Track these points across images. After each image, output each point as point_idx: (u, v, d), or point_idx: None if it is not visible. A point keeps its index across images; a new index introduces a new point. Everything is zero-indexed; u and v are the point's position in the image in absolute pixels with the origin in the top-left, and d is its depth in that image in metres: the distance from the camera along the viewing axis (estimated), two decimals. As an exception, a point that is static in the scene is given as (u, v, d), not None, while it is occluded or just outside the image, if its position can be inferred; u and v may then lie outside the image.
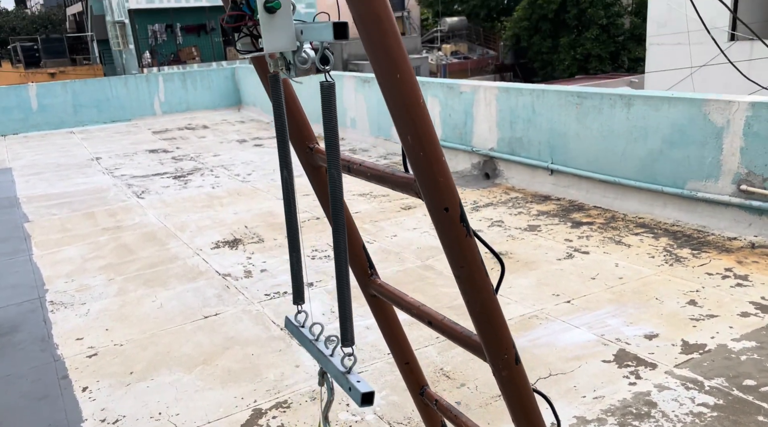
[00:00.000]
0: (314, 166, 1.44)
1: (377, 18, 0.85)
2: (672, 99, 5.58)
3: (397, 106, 0.91)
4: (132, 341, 4.22)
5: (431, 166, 0.93)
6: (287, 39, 1.09)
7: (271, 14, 1.07)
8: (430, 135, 0.92)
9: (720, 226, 5.36)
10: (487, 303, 1.05)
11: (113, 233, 6.58)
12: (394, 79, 0.87)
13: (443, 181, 0.94)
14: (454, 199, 0.96)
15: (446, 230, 0.97)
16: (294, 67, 1.14)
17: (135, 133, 13.53)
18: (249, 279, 5.16)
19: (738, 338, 3.67)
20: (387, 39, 0.86)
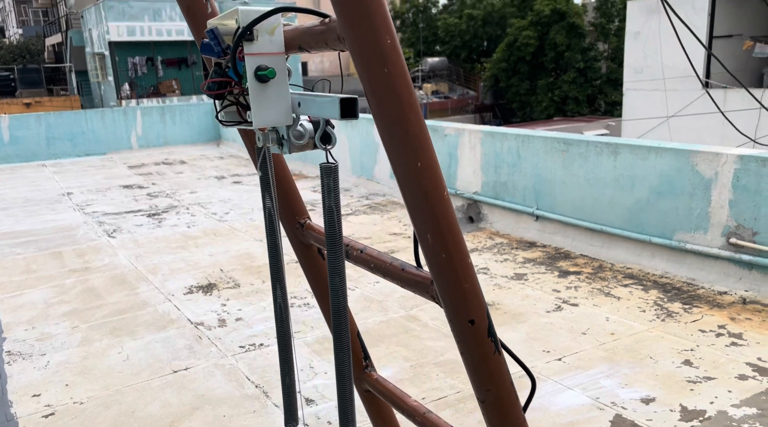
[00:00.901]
0: (305, 244, 1.25)
1: (395, 94, 0.68)
2: (659, 149, 5.53)
3: (416, 199, 0.73)
4: (94, 399, 3.91)
5: (455, 270, 0.76)
6: (281, 113, 0.91)
7: (263, 83, 0.89)
8: (455, 234, 0.75)
9: (709, 279, 5.26)
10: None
11: (80, 275, 6.25)
12: (414, 167, 0.71)
13: (469, 289, 0.76)
14: (482, 309, 0.78)
15: (470, 346, 0.79)
16: (287, 142, 0.96)
17: (110, 168, 13.21)
18: (223, 329, 4.89)
19: (738, 403, 3.50)
20: (407, 119, 0.69)
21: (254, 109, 0.89)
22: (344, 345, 0.99)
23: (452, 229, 0.75)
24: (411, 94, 0.70)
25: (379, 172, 9.55)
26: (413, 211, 0.76)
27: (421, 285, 0.86)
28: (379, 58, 0.68)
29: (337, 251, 0.94)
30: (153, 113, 15.41)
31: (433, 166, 0.73)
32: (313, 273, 1.22)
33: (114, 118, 14.97)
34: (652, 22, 21.03)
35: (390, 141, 0.74)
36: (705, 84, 19.83)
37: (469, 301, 0.78)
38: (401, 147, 0.71)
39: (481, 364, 0.81)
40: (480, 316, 0.79)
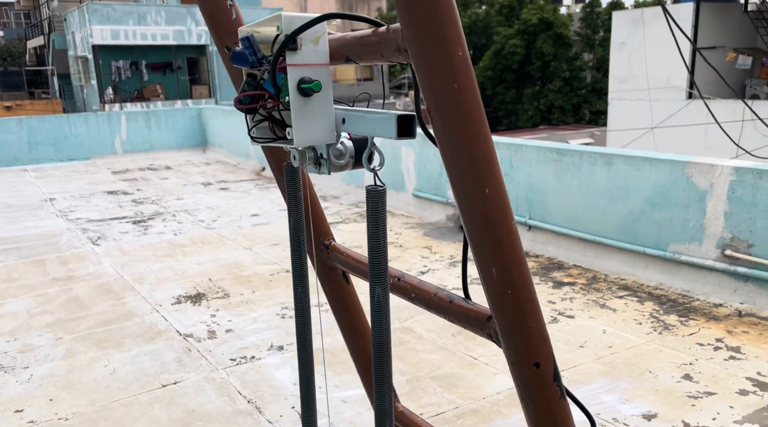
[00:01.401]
0: (329, 267, 1.17)
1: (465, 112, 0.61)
2: (654, 160, 5.52)
3: (481, 229, 0.66)
4: (79, 415, 3.77)
5: (521, 308, 0.68)
6: (325, 130, 0.82)
7: (307, 97, 0.80)
8: (522, 268, 0.67)
9: (704, 291, 5.24)
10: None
11: (64, 284, 6.08)
12: (481, 194, 0.63)
13: (536, 329, 0.69)
14: (548, 351, 0.70)
15: (534, 391, 0.72)
16: (327, 161, 0.87)
17: (93, 173, 12.98)
18: (213, 341, 4.76)
19: (740, 420, 3.46)
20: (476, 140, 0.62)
21: (296, 125, 0.80)
22: (386, 384, 0.90)
23: (519, 262, 0.68)
24: (481, 113, 0.63)
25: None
26: (476, 242, 0.68)
27: (475, 321, 0.79)
28: (449, 71, 0.60)
29: (382, 283, 0.86)
30: (138, 118, 15.19)
31: (502, 193, 0.65)
32: (336, 298, 1.14)
33: (98, 122, 14.73)
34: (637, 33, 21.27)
35: (454, 164, 0.66)
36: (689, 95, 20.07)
37: (535, 342, 0.70)
38: (467, 171, 0.64)
39: (545, 411, 0.73)
40: (546, 358, 0.71)
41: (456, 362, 4.29)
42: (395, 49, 0.71)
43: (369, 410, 3.74)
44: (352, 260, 1.01)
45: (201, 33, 27.91)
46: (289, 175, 0.98)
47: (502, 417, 3.61)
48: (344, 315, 1.21)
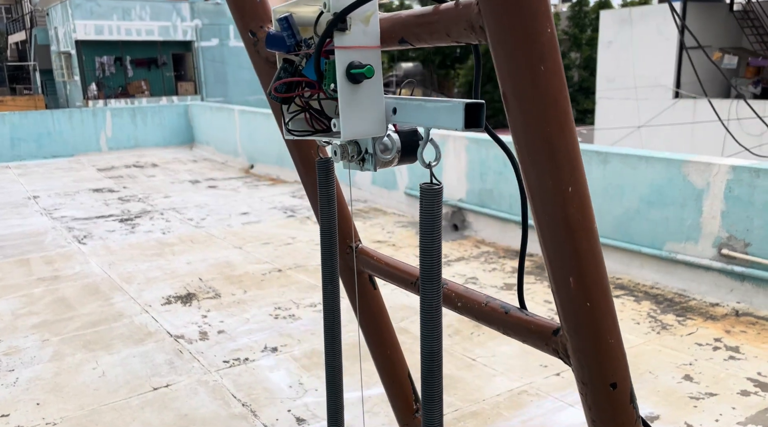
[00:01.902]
0: (352, 269, 1.08)
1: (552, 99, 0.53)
2: (650, 158, 5.49)
3: (559, 233, 0.58)
4: (67, 420, 3.64)
5: (600, 321, 0.61)
6: (375, 121, 0.74)
7: (356, 84, 0.72)
8: (601, 276, 0.60)
9: (701, 290, 5.22)
10: None
11: (50, 284, 5.93)
12: (562, 193, 0.55)
13: (614, 345, 0.62)
14: (625, 370, 0.63)
15: (608, 415, 0.65)
16: (372, 157, 0.79)
17: (78, 170, 12.75)
18: (205, 342, 4.65)
19: (743, 421, 3.43)
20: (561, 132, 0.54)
21: (344, 116, 0.71)
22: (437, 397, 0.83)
23: (600, 271, 0.61)
24: (567, 102, 0.55)
25: (360, 179, 9.38)
26: (551, 247, 0.60)
27: (538, 335, 0.71)
28: (536, 51, 0.53)
29: (434, 291, 0.78)
30: (123, 114, 14.96)
31: (585, 193, 0.58)
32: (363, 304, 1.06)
33: (82, 118, 14.48)
34: (625, 32, 21.35)
35: (532, 157, 0.58)
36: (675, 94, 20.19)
37: (613, 360, 0.63)
38: (547, 166, 0.56)
39: (618, 434, 0.66)
40: (623, 379, 0.64)
41: (454, 364, 4.22)
42: (466, 26, 0.63)
43: (367, 412, 3.66)
44: (383, 265, 0.93)
45: (186, 29, 27.59)
46: (323, 172, 0.90)
47: (503, 420, 3.55)
48: (370, 322, 1.13)
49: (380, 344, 1.00)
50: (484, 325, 0.78)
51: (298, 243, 7.17)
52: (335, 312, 0.96)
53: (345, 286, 1.16)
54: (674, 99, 20.05)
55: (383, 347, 1.06)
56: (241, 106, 13.37)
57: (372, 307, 1.10)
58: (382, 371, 1.08)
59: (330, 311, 0.96)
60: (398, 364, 1.11)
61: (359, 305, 1.07)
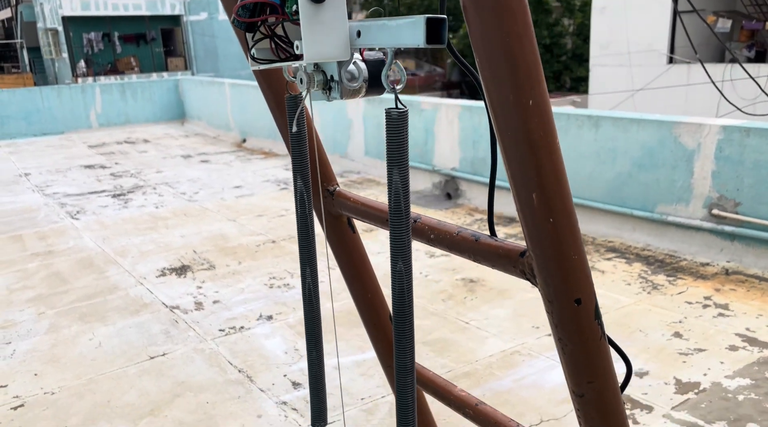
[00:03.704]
0: (333, 215, 1.09)
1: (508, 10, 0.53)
2: (641, 121, 5.48)
3: (520, 150, 0.59)
4: (66, 389, 3.68)
5: (563, 238, 0.62)
6: (339, 44, 0.73)
7: (318, 4, 0.71)
8: (565, 193, 0.60)
9: (691, 251, 5.27)
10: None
11: (44, 259, 5.93)
12: (523, 107, 0.55)
13: (578, 261, 0.63)
14: (589, 287, 0.64)
15: (573, 331, 0.66)
16: (338, 85, 0.79)
17: (69, 147, 12.66)
18: (200, 312, 4.68)
19: (731, 374, 3.49)
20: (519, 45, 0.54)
21: (306, 37, 0.71)
22: (408, 335, 0.84)
23: (563, 189, 0.61)
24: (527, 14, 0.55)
25: (353, 150, 9.35)
26: (515, 164, 0.61)
27: (506, 258, 0.72)
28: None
29: (402, 224, 0.79)
30: (113, 90, 14.80)
31: (546, 108, 0.58)
32: (342, 249, 1.06)
33: (71, 95, 14.32)
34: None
35: (491, 73, 0.58)
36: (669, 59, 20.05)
37: (577, 277, 0.64)
38: (507, 81, 0.56)
39: (584, 352, 0.67)
40: (588, 294, 0.65)
41: (448, 328, 4.27)
42: None
43: (362, 376, 3.72)
44: (360, 205, 0.94)
45: (174, 2, 27.15)
46: (292, 109, 0.90)
47: (495, 379, 3.61)
48: (350, 267, 1.13)
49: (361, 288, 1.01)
50: (456, 254, 0.79)
51: (292, 215, 7.17)
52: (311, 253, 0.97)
53: (324, 229, 1.16)
54: (668, 64, 19.92)
55: (364, 291, 1.07)
56: (231, 80, 13.24)
57: (352, 251, 1.10)
58: (363, 314, 1.09)
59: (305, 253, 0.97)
60: (380, 307, 1.12)
61: (339, 250, 1.07)
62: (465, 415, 0.99)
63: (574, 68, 30.41)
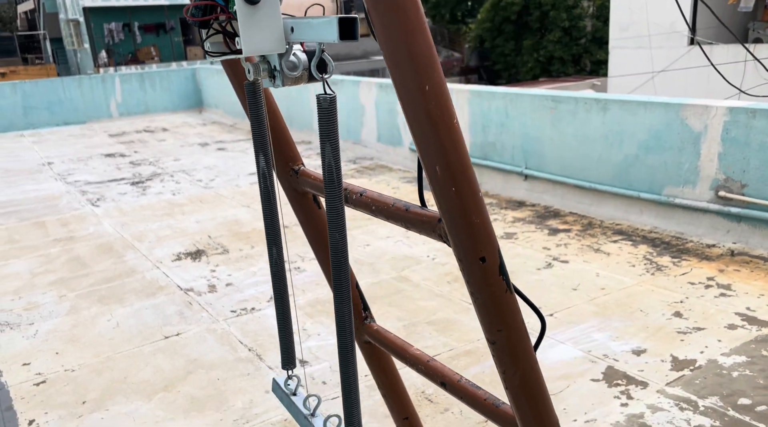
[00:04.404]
0: (299, 192, 1.20)
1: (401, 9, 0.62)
2: (649, 104, 5.49)
3: (423, 128, 0.68)
4: (85, 366, 3.88)
5: (465, 204, 0.71)
6: (274, 39, 0.84)
7: (253, 5, 0.82)
8: (465, 165, 0.70)
9: (698, 233, 5.29)
10: (528, 375, 0.83)
11: (65, 245, 6.16)
12: (421, 91, 0.65)
13: (480, 224, 0.72)
14: (493, 246, 0.73)
15: (481, 285, 0.75)
16: (280, 74, 0.89)
17: (90, 137, 12.95)
18: (213, 294, 4.85)
19: (728, 352, 3.54)
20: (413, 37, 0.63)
21: (243, 34, 0.82)
22: (345, 297, 0.94)
23: (462, 160, 0.70)
24: (418, 10, 0.64)
25: (366, 136, 9.44)
26: (420, 141, 0.70)
27: (428, 224, 0.82)
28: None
29: (336, 196, 0.89)
30: (132, 80, 15.05)
31: (442, 90, 0.67)
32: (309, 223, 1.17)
33: (92, 85, 14.61)
34: (638, -22, 20.74)
35: (394, 63, 0.68)
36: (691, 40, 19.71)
37: (480, 237, 0.73)
38: (406, 69, 0.65)
39: (492, 304, 0.77)
40: (491, 253, 0.74)
41: (452, 308, 4.38)
42: None
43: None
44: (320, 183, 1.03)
45: (192, -8, 27.32)
46: (250, 94, 1.00)
47: (495, 357, 3.70)
48: (317, 239, 1.24)
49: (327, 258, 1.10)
50: (392, 222, 0.89)
51: (305, 200, 7.31)
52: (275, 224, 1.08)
53: (292, 206, 1.27)
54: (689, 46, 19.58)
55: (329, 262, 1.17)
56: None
57: (318, 225, 1.21)
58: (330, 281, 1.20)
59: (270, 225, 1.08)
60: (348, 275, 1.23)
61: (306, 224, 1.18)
62: (418, 371, 1.09)
63: (594, 51, 30.00)
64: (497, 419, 1.01)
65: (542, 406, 0.87)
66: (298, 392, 1.30)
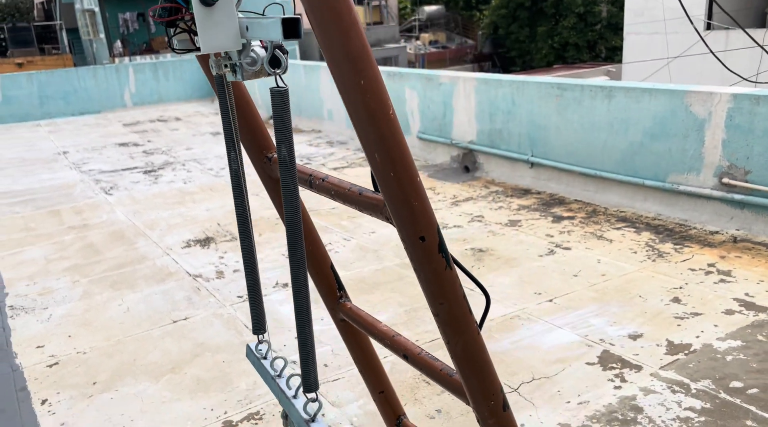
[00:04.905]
0: (273, 179, 1.27)
1: (335, 11, 0.69)
2: (653, 90, 5.49)
3: (361, 119, 0.75)
4: (96, 349, 4.01)
5: (404, 188, 0.77)
6: (229, 37, 0.91)
7: (209, 7, 0.89)
8: (402, 152, 0.76)
9: (701, 219, 5.30)
10: (471, 344, 0.90)
11: (79, 232, 6.31)
12: (357, 86, 0.71)
13: (418, 206, 0.78)
14: (432, 226, 0.80)
15: (422, 262, 0.82)
16: (240, 69, 0.96)
17: (104, 126, 13.14)
18: (221, 280, 4.97)
19: (723, 337, 3.59)
20: (347, 37, 0.70)
21: (201, 33, 0.90)
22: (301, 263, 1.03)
23: (399, 147, 0.77)
24: (351, 11, 0.70)
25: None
26: (360, 131, 0.77)
27: (376, 207, 0.89)
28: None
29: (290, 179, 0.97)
30: (146, 70, 15.21)
31: (377, 84, 0.73)
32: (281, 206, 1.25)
33: (106, 75, 14.79)
34: (654, -38, 20.44)
35: (332, 61, 0.74)
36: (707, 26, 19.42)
37: (419, 218, 0.80)
38: (343, 66, 0.72)
39: (433, 279, 0.83)
40: (430, 233, 0.81)
41: (453, 293, 4.44)
42: None
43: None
44: (291, 169, 1.11)
45: (206, -19, 27.38)
46: (219, 86, 1.08)
47: (493, 341, 3.78)
48: (293, 222, 1.31)
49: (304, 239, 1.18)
50: (348, 205, 0.96)
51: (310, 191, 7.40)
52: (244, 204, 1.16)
53: (267, 191, 1.35)
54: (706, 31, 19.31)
55: (306, 242, 1.25)
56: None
57: (292, 208, 1.28)
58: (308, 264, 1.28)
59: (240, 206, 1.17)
60: (320, 257, 1.30)
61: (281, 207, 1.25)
62: (384, 345, 1.17)
63: (609, 37, 29.68)
64: (450, 387, 1.09)
65: (485, 373, 0.93)
66: (268, 355, 1.39)
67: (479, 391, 0.96)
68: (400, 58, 28.29)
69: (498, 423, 0.99)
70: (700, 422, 2.90)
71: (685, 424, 2.89)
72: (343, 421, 2.56)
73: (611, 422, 2.95)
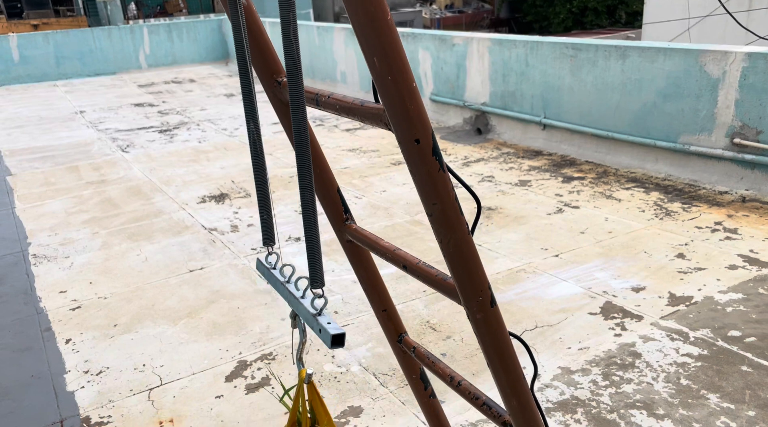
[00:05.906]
0: (284, 103, 1.35)
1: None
2: (668, 50, 5.45)
3: (361, 23, 0.81)
4: (116, 295, 4.18)
5: (401, 92, 0.85)
6: None
7: None
8: (400, 57, 0.83)
9: (712, 180, 5.32)
10: (461, 243, 0.98)
11: (97, 187, 6.46)
12: None
13: (414, 110, 0.86)
14: (426, 130, 0.88)
15: (417, 164, 0.90)
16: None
17: (120, 87, 13.23)
18: (235, 234, 5.10)
19: (725, 290, 3.66)
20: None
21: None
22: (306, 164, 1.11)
23: (397, 52, 0.84)
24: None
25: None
26: (360, 36, 0.84)
27: (376, 115, 0.96)
28: None
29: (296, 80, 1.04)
30: (160, 31, 15.20)
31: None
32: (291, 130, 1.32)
33: (121, 36, 14.81)
34: None
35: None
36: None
37: (414, 121, 0.87)
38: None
39: (427, 180, 0.91)
40: (425, 136, 0.88)
41: (461, 248, 4.54)
42: None
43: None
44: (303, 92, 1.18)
45: (219, -58, 27.07)
46: (233, 8, 1.15)
47: (498, 292, 3.88)
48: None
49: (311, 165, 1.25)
50: (351, 118, 1.04)
51: (326, 149, 7.47)
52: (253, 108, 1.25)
53: (277, 114, 1.43)
54: (729, -5, 18.84)
55: (314, 167, 1.33)
56: (272, 19, 13.38)
57: (302, 132, 1.36)
58: (316, 188, 1.36)
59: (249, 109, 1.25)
60: (328, 182, 1.38)
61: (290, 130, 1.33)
62: (386, 259, 1.26)
63: (629, 2, 29.01)
64: (444, 290, 1.18)
65: (474, 269, 1.02)
66: (276, 266, 1.49)
67: (469, 286, 1.05)
68: (415, 22, 27.93)
69: (485, 317, 1.08)
70: (696, 367, 3.00)
71: (681, 369, 2.99)
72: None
73: (610, 367, 3.06)
